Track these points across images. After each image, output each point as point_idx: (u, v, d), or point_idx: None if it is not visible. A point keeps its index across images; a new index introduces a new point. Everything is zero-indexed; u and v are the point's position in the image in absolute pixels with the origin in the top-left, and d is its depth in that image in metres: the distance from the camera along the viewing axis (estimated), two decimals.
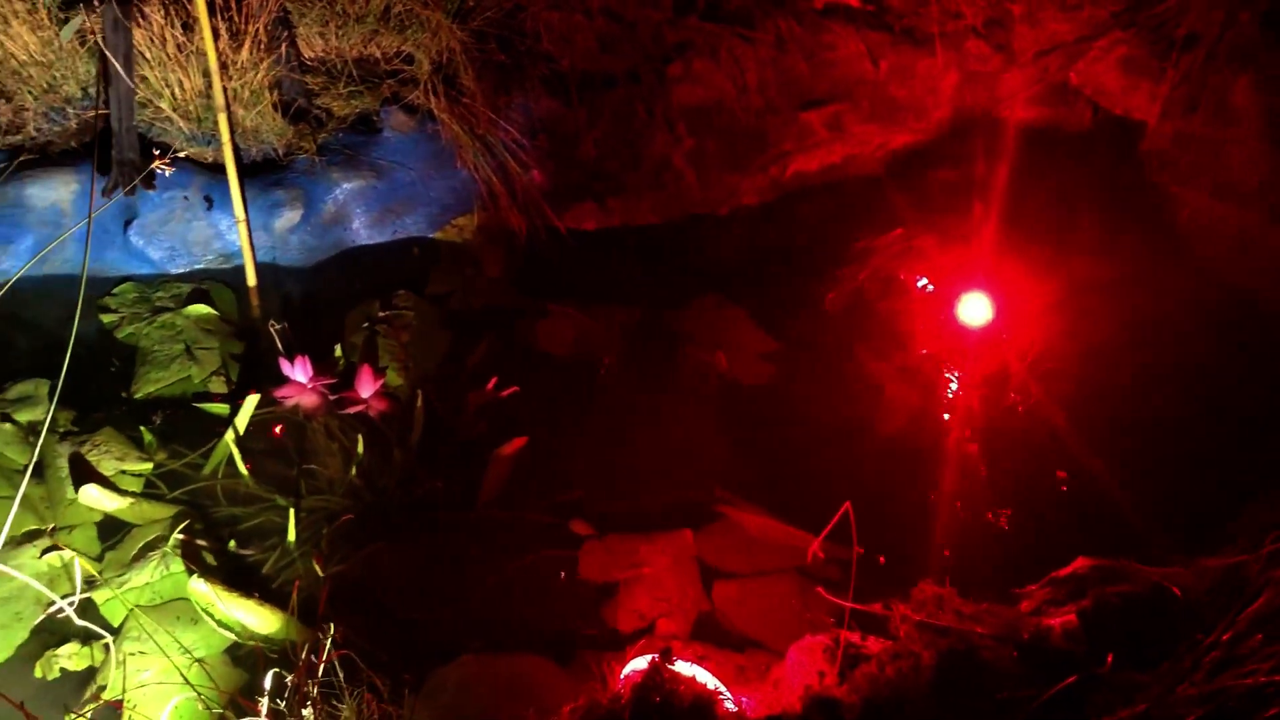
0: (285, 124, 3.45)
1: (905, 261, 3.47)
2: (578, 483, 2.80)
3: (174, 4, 3.24)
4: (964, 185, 3.71)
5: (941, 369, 3.20)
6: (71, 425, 2.87)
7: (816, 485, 2.78)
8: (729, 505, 2.73)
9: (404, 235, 3.56)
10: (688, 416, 3.04)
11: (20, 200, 3.25)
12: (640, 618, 2.43)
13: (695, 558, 2.57)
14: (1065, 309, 3.28)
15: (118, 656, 2.31)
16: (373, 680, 2.03)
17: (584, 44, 3.62)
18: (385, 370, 3.02)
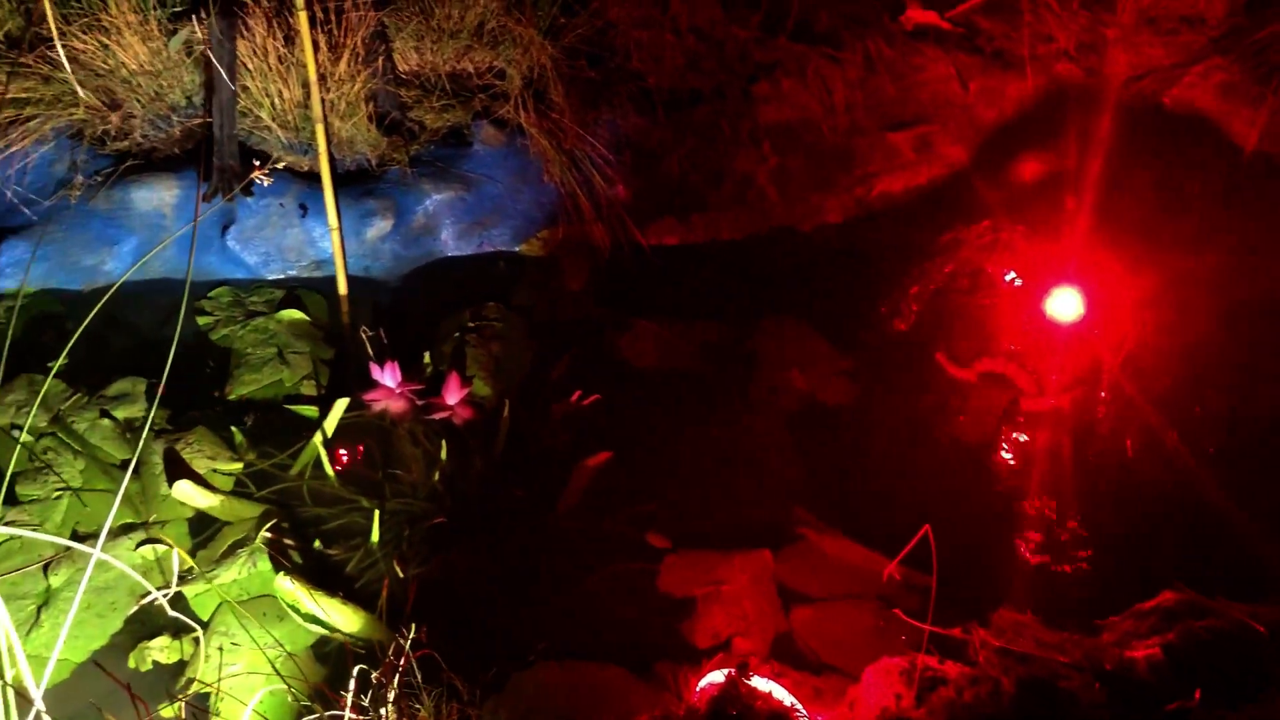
0: (379, 135, 3.53)
1: (993, 255, 3.38)
2: (656, 497, 2.81)
3: (277, 17, 3.34)
4: (1055, 176, 3.60)
5: (1029, 370, 3.10)
6: (167, 423, 2.96)
7: (895, 506, 2.76)
8: (808, 526, 2.72)
9: (490, 247, 3.62)
10: (766, 434, 3.03)
11: (125, 203, 3.37)
12: (717, 635, 2.43)
13: (774, 578, 2.57)
14: (1161, 304, 3.15)
15: (206, 650, 2.37)
16: (452, 681, 2.05)
17: (672, 62, 3.65)
18: (472, 379, 3.07)
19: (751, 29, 3.66)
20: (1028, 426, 3.01)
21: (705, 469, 2.93)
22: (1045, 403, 3.03)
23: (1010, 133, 3.86)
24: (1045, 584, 2.57)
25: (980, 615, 2.33)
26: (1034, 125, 3.86)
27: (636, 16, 3.59)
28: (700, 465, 2.94)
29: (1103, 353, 3.05)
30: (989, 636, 2.25)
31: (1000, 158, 3.82)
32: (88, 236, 3.34)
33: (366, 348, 3.09)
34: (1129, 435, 2.90)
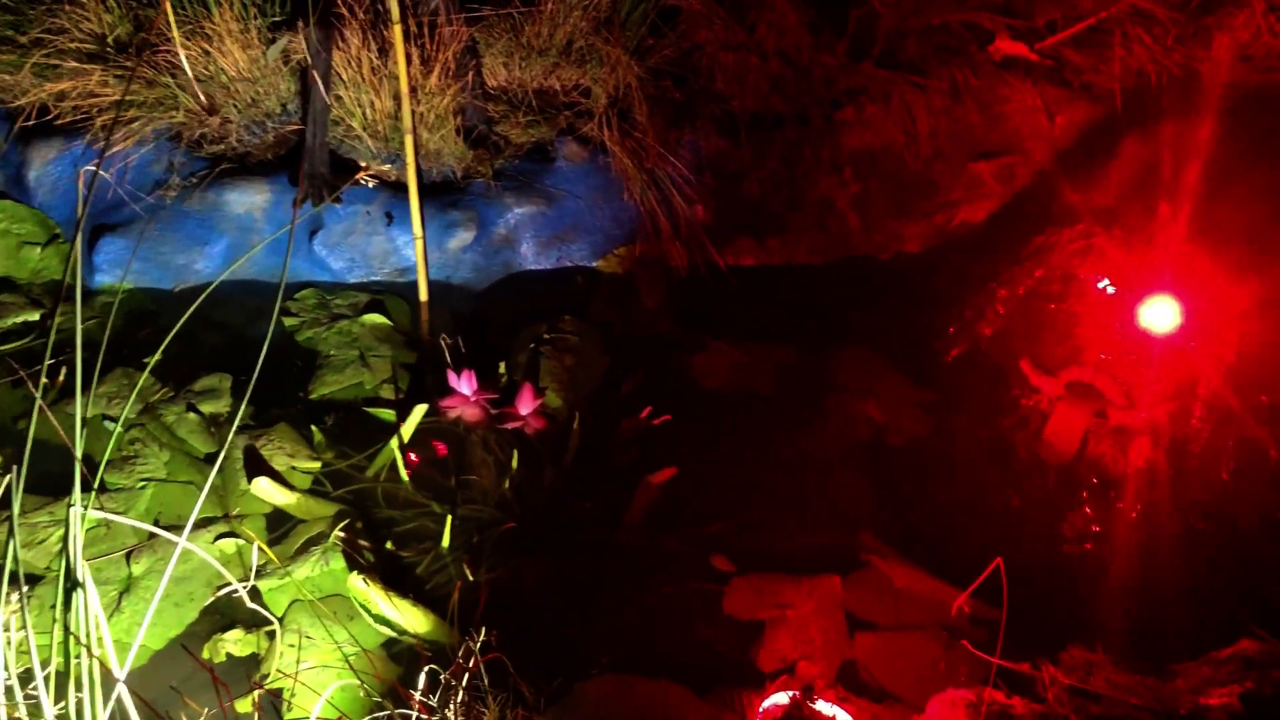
0: (465, 148, 3.60)
1: (1086, 260, 3.25)
2: (724, 517, 2.82)
3: (372, 30, 3.43)
4: (1151, 181, 3.47)
5: (1120, 380, 2.98)
6: (250, 420, 3.04)
7: (968, 535, 2.73)
8: (876, 554, 2.70)
9: (569, 262, 3.66)
10: (838, 463, 3.02)
11: (218, 205, 3.47)
12: (782, 659, 2.42)
13: (841, 604, 2.55)
14: (1265, 314, 2.98)
15: (281, 644, 2.42)
16: (519, 687, 2.08)
17: (756, 85, 3.67)
18: (545, 390, 3.11)
19: (838, 55, 3.67)
20: (1115, 443, 2.91)
21: (773, 492, 2.93)
22: (1136, 416, 2.89)
23: (1101, 150, 3.76)
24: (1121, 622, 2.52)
25: (1051, 652, 2.30)
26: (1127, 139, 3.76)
27: (723, 40, 3.61)
28: (768, 489, 2.94)
29: (1201, 365, 2.91)
30: (1059, 674, 2.22)
31: (1090, 168, 3.72)
32: (181, 236, 3.45)
33: (445, 355, 3.15)
34: (1227, 456, 2.80)
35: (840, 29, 3.76)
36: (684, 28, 3.65)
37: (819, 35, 3.75)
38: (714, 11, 3.61)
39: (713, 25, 3.61)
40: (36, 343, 3.27)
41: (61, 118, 3.55)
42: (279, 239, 3.45)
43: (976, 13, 3.83)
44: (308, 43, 3.33)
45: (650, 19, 3.64)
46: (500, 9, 3.62)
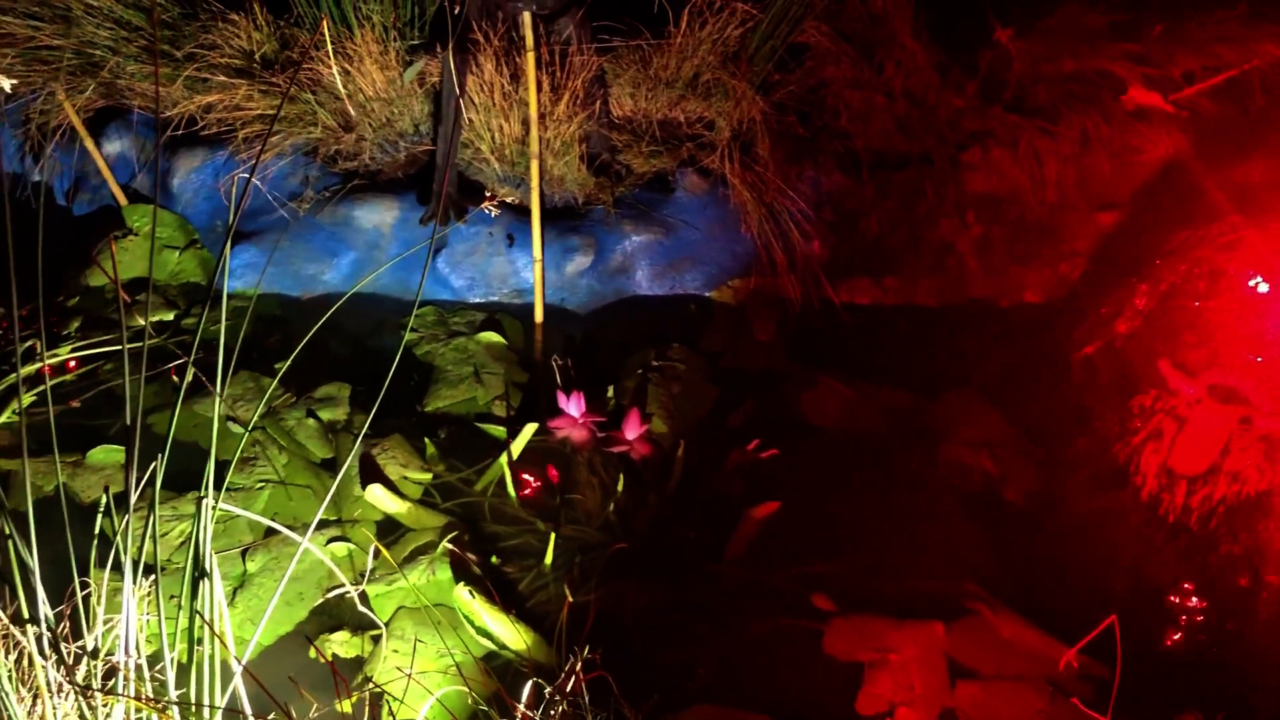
0: (588, 175, 3.66)
1: (1235, 255, 3.03)
2: (825, 556, 2.79)
3: (506, 57, 3.52)
4: None
5: (1269, 387, 2.77)
6: (366, 428, 3.11)
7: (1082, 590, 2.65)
8: (982, 603, 2.64)
9: (682, 290, 3.69)
10: (945, 507, 2.96)
11: (348, 220, 3.59)
12: (881, 703, 2.38)
13: (944, 651, 2.50)
14: None
15: (385, 649, 2.48)
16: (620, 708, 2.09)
17: (880, 124, 3.66)
18: (652, 416, 3.13)
19: (966, 97, 3.64)
20: (1261, 453, 2.71)
21: (877, 535, 2.89)
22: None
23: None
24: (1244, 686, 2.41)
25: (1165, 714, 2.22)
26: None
27: (850, 78, 3.61)
28: (872, 530, 2.90)
29: None
30: None
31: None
32: (311, 247, 3.58)
33: (556, 376, 3.20)
34: None
35: (970, 71, 3.73)
36: (811, 64, 3.67)
37: (947, 76, 3.73)
38: (842, 49, 3.61)
39: (840, 63, 3.62)
40: (170, 341, 3.42)
41: (207, 129, 3.73)
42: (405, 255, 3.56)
43: (1111, 61, 3.76)
44: (444, 67, 3.43)
45: (778, 55, 3.66)
46: (630, 40, 3.68)
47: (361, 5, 3.56)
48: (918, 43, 3.69)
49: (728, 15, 3.61)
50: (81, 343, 3.33)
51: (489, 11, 3.47)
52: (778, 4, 3.59)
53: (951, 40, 3.76)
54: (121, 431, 3.13)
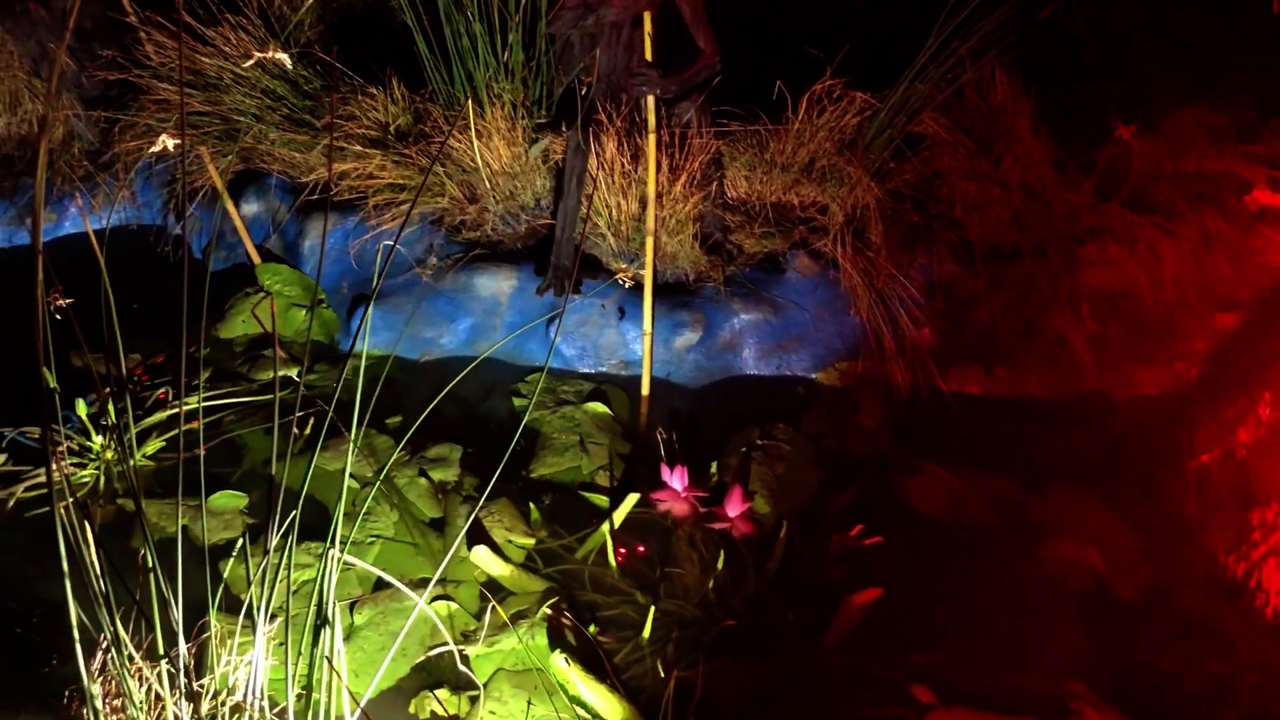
0: (700, 253, 3.74)
1: None
2: (927, 646, 2.75)
3: (627, 137, 3.63)
4: None
5: None
6: (473, 491, 3.20)
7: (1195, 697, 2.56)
8: (1086, 703, 2.57)
9: (788, 371, 3.72)
10: (1051, 606, 2.90)
11: (468, 287, 3.72)
12: None
13: None
14: None
15: (482, 710, 2.51)
16: None
17: (995, 215, 3.66)
18: (754, 495, 3.14)
19: (1083, 193, 3.63)
20: None
21: (980, 628, 2.83)
22: None
23: None
24: None
25: None
26: None
27: (966, 168, 3.64)
28: (975, 623, 2.85)
29: None
30: None
31: None
32: (432, 312, 3.71)
33: (660, 449, 3.24)
34: None
35: (1087, 167, 3.73)
36: (927, 154, 3.70)
37: (1064, 171, 3.73)
38: (959, 141, 3.64)
39: (957, 154, 3.65)
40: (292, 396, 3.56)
41: (339, 195, 3.91)
42: (520, 323, 3.67)
43: (1235, 161, 3.72)
44: (569, 145, 3.55)
45: (895, 144, 3.71)
46: (748, 125, 3.77)
47: (494, 84, 3.72)
48: (1035, 137, 3.71)
49: (846, 104, 3.68)
50: (210, 393, 3.49)
51: (613, 94, 3.59)
52: (896, 95, 3.65)
53: (1069, 136, 3.76)
54: (242, 478, 3.27)
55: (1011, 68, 3.70)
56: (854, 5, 4.73)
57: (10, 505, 3.06)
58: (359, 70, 3.90)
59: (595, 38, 3.47)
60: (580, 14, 3.36)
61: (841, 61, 3.67)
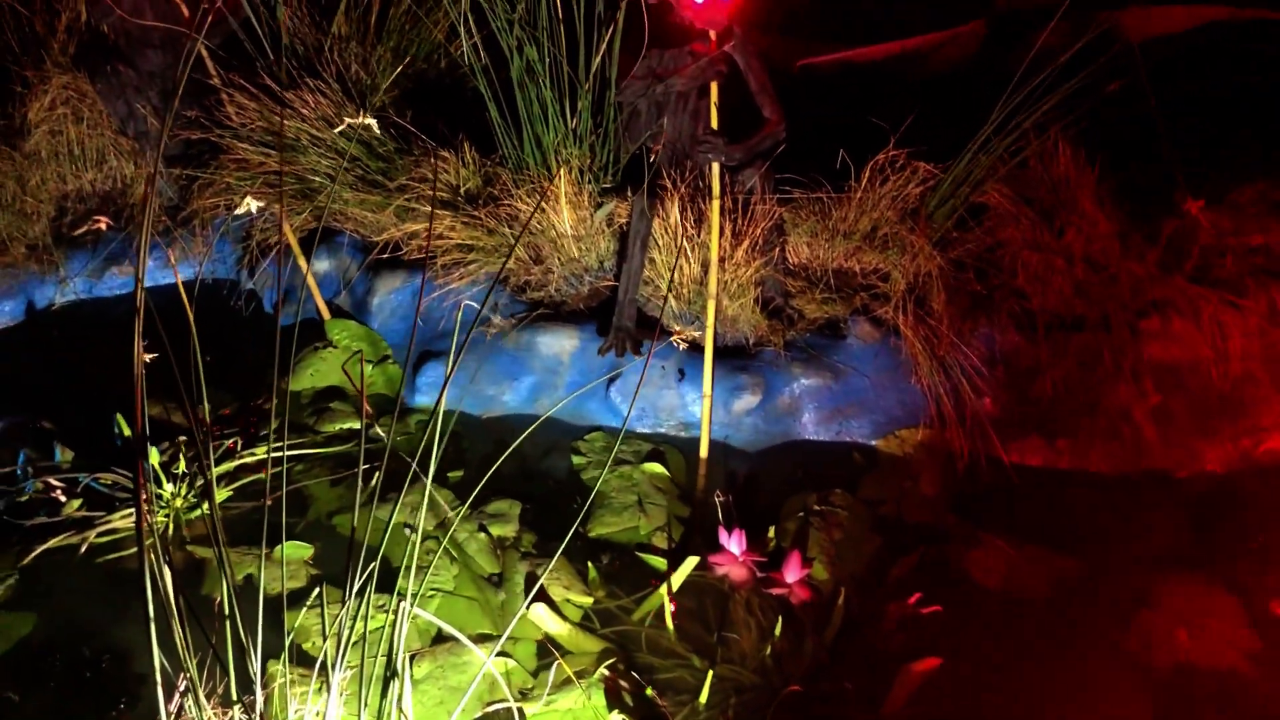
0: (761, 317, 3.77)
1: None
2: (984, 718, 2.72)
3: (690, 202, 3.69)
4: None
5: None
6: (532, 547, 3.23)
7: None
8: None
9: (847, 437, 3.72)
10: (1125, 689, 2.84)
11: (530, 346, 3.78)
12: None
13: None
14: None
15: None
16: None
17: (1058, 286, 3.66)
18: (812, 561, 3.14)
19: (1147, 265, 3.62)
20: None
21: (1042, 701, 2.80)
22: None
23: None
24: None
25: None
26: None
27: (1029, 239, 3.65)
28: (1036, 696, 2.81)
29: None
30: None
31: None
32: (495, 370, 3.78)
33: (717, 512, 3.25)
34: None
35: (1152, 239, 3.72)
36: (990, 224, 3.72)
37: (1128, 243, 3.73)
38: (1022, 212, 3.66)
39: (1020, 225, 3.66)
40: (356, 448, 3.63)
41: (408, 254, 4.01)
42: (581, 382, 3.72)
43: None
44: (633, 209, 3.62)
45: (958, 214, 3.74)
46: (811, 193, 3.82)
47: (562, 149, 3.81)
48: (1099, 209, 3.71)
49: (909, 174, 3.72)
50: (277, 444, 3.56)
51: (678, 160, 3.67)
52: (960, 166, 3.69)
53: (1134, 208, 3.77)
54: (307, 529, 3.33)
55: (1075, 140, 3.73)
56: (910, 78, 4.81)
57: (83, 550, 3.13)
58: (432, 134, 4.02)
59: (662, 106, 3.56)
60: (649, 84, 3.44)
61: (905, 132, 3.72)
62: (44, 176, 4.47)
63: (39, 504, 3.31)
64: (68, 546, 3.15)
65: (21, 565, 3.10)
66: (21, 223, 4.39)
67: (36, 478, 3.38)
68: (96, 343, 4.23)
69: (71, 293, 4.44)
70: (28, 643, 2.93)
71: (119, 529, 3.21)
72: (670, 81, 3.41)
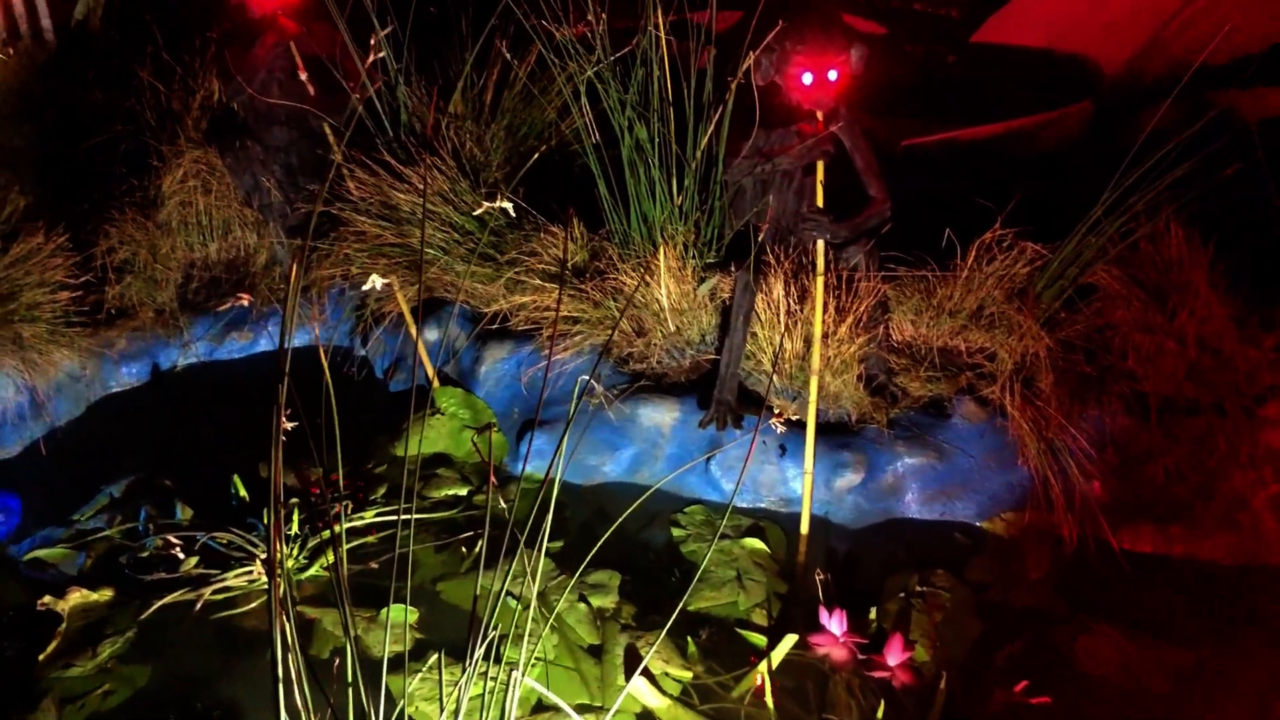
0: (864, 394, 3.76)
1: None
2: None
3: (793, 278, 3.72)
4: None
5: None
6: (631, 619, 3.24)
7: None
8: None
9: (951, 517, 3.67)
10: None
11: (632, 417, 3.82)
12: None
13: None
14: None
15: None
16: None
17: (1170, 369, 3.59)
18: (914, 644, 3.09)
19: (1264, 350, 3.53)
20: None
21: None
22: None
23: None
24: None
25: None
26: None
27: (1139, 321, 3.59)
28: None
29: None
30: None
31: None
32: (597, 440, 3.83)
33: (818, 590, 3.22)
34: None
35: (1269, 323, 3.63)
36: (1099, 305, 3.68)
37: (1244, 327, 3.64)
38: (1133, 294, 3.61)
39: (1130, 306, 3.61)
40: (461, 515, 3.70)
41: (516, 325, 4.10)
42: (680, 454, 3.75)
43: None
44: (736, 283, 3.66)
45: (1066, 294, 3.70)
46: (915, 270, 3.82)
47: (668, 225, 3.89)
48: (1213, 291, 3.64)
49: (1016, 253, 3.70)
50: (385, 508, 3.65)
51: (782, 237, 3.71)
52: (1068, 247, 3.66)
53: (1250, 292, 3.69)
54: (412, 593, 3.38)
55: (1188, 221, 3.67)
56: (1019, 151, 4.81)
57: (199, 606, 3.24)
58: (542, 210, 4.13)
59: (767, 183, 3.62)
60: (756, 162, 3.51)
61: (1011, 212, 3.72)
62: (173, 245, 4.69)
63: (158, 560, 3.43)
64: (184, 602, 3.25)
65: (141, 619, 3.21)
66: (151, 289, 4.61)
67: (157, 534, 3.51)
68: (215, 404, 4.41)
69: (194, 356, 4.63)
70: (144, 694, 3.03)
71: (233, 587, 3.32)
72: (778, 160, 3.47)
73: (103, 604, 3.30)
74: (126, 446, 4.13)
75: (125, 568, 3.43)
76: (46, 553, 3.53)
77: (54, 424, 4.20)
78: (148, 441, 4.19)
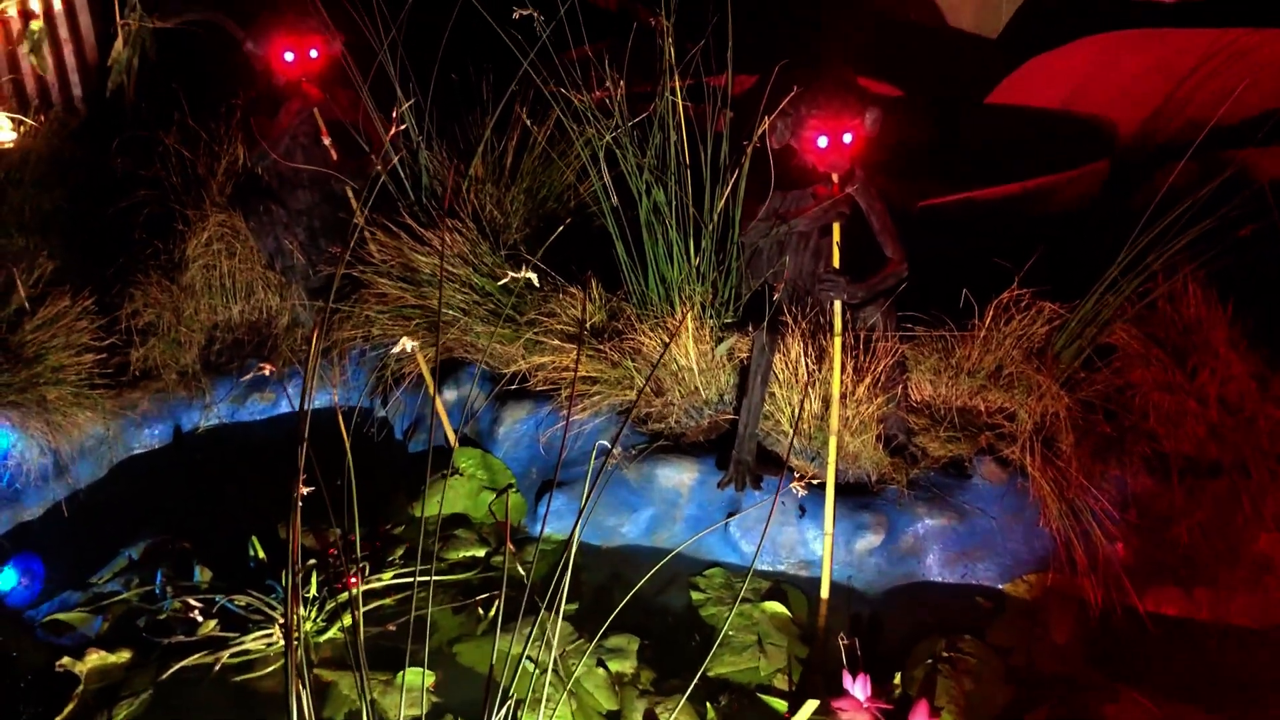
0: (883, 455, 3.75)
1: None
2: None
3: (811, 338, 3.73)
4: None
5: None
6: (650, 685, 3.21)
7: None
8: None
9: (973, 580, 3.64)
10: None
11: (650, 478, 3.82)
12: None
13: None
14: None
15: None
16: None
17: (1192, 429, 3.56)
18: (940, 711, 3.04)
19: None
20: None
21: None
22: None
23: None
24: None
25: None
26: None
27: (1159, 381, 3.57)
28: None
29: None
30: None
31: None
32: (614, 501, 3.82)
33: (841, 654, 3.19)
34: None
35: None
36: (1118, 365, 3.66)
37: (1267, 386, 3.62)
38: (1153, 353, 3.60)
39: (1150, 366, 3.59)
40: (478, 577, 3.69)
41: (534, 385, 4.12)
42: (699, 515, 3.73)
43: None
44: (754, 344, 3.67)
45: (1085, 354, 3.69)
46: (933, 330, 3.82)
47: (685, 286, 3.91)
48: (1233, 350, 3.62)
49: (1034, 313, 3.70)
50: (403, 570, 3.65)
51: (799, 297, 3.73)
52: (1087, 307, 3.66)
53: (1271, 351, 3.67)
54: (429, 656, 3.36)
55: (1206, 281, 3.67)
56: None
57: (216, 669, 3.23)
58: (560, 271, 4.16)
59: (784, 245, 3.64)
60: (773, 224, 3.54)
61: (1028, 271, 3.72)
62: (197, 308, 4.74)
63: (177, 622, 3.42)
64: (201, 665, 3.25)
65: (158, 681, 3.20)
66: (175, 351, 4.66)
67: (175, 597, 3.52)
68: (236, 466, 4.43)
69: (215, 417, 4.66)
70: None
71: (251, 650, 3.31)
72: (794, 222, 3.50)
73: (120, 666, 3.30)
74: (147, 508, 4.15)
75: (143, 630, 3.43)
76: (65, 615, 3.54)
77: (76, 486, 4.22)
78: (168, 503, 4.20)
